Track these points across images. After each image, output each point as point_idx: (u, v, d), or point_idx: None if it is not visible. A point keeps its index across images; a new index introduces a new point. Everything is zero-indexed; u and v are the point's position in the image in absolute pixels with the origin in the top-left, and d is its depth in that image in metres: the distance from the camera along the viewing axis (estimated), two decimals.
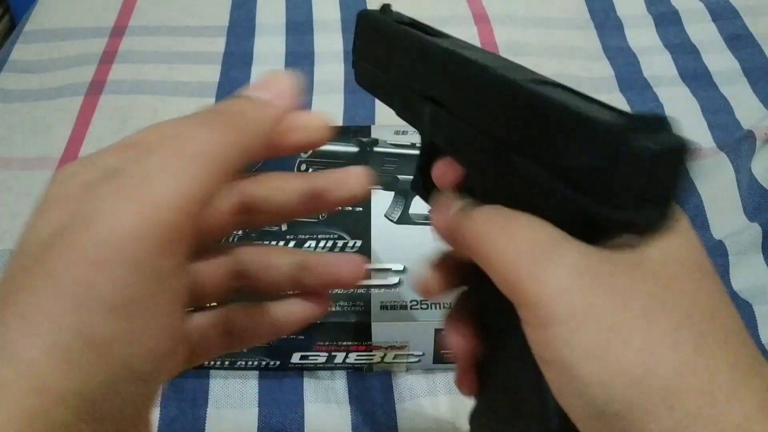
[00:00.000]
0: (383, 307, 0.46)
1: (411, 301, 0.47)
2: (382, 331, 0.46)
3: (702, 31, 0.82)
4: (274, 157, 0.27)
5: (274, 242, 0.49)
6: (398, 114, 0.33)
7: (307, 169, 0.54)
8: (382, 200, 0.52)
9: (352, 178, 0.28)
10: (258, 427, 0.47)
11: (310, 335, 0.47)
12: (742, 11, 0.83)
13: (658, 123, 0.21)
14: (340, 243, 0.49)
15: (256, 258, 0.28)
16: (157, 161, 0.21)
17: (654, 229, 0.22)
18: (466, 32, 0.81)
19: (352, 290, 0.47)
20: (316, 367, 0.49)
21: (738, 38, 0.80)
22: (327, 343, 0.47)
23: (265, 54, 0.80)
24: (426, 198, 0.32)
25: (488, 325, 0.28)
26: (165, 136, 0.22)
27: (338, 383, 0.49)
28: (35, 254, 0.21)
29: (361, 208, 0.50)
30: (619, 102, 0.72)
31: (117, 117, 0.71)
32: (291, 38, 0.83)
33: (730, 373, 0.20)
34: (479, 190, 0.28)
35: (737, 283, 0.54)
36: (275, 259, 0.28)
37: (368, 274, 0.47)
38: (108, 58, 0.79)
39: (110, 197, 0.21)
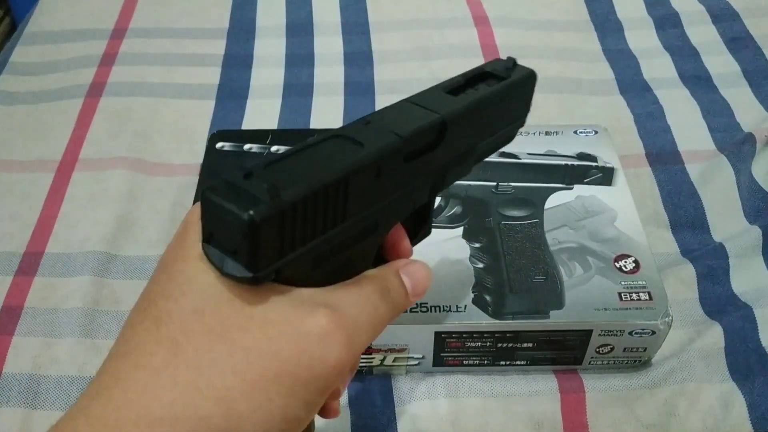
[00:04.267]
0: None
1: None
2: (381, 333, 0.46)
3: (702, 33, 0.82)
4: None
5: None
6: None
7: None
8: None
9: None
10: None
11: None
12: (742, 13, 0.83)
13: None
14: None
15: None
16: (360, 316, 0.27)
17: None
18: (465, 34, 0.82)
19: None
20: None
21: (738, 40, 0.80)
22: None
23: (266, 56, 0.81)
24: None
25: None
26: (362, 294, 0.28)
27: None
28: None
29: None
30: (619, 104, 0.72)
31: (117, 119, 0.71)
32: (291, 40, 0.83)
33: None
34: None
35: (737, 285, 0.54)
36: None
37: None
38: (108, 60, 0.79)
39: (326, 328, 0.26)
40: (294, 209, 0.24)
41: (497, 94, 0.33)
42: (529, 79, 0.35)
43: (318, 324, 0.25)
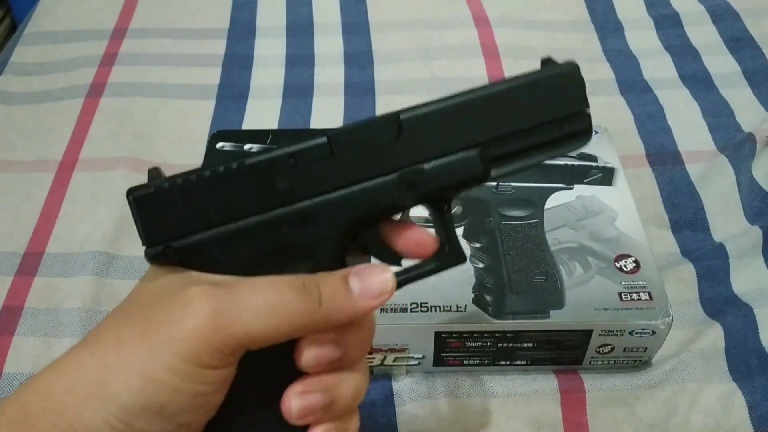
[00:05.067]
0: (383, 309, 0.46)
1: (411, 304, 0.47)
2: (381, 333, 0.46)
3: (702, 33, 0.82)
4: None
5: None
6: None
7: None
8: None
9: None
10: None
11: None
12: (742, 13, 0.83)
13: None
14: None
15: None
16: (250, 296, 0.27)
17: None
18: (466, 34, 0.81)
19: None
20: None
21: (738, 41, 0.80)
22: None
23: (266, 56, 0.81)
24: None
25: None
26: (267, 281, 0.28)
27: None
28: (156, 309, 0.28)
29: None
30: (620, 104, 0.72)
31: (117, 119, 0.71)
32: (291, 40, 0.83)
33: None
34: None
35: (738, 285, 0.54)
36: None
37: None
38: (108, 60, 0.79)
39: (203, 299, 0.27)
40: (170, 194, 0.28)
41: (494, 89, 0.31)
42: (562, 72, 0.32)
43: (188, 292, 0.27)
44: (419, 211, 0.52)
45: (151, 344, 0.26)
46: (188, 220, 0.28)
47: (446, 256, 0.33)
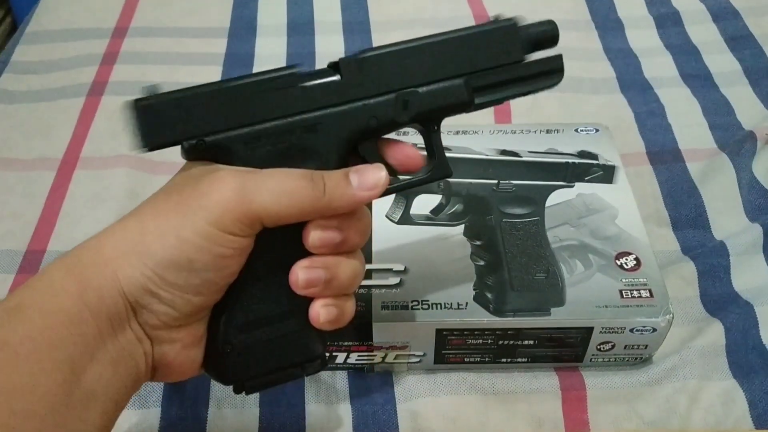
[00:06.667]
0: (384, 307, 0.46)
1: (412, 302, 0.47)
2: (383, 331, 0.46)
3: (703, 31, 0.82)
4: None
5: None
6: None
7: None
8: (383, 201, 0.52)
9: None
10: (259, 427, 0.47)
11: None
12: (743, 12, 0.83)
13: None
14: None
15: None
16: (269, 179, 0.33)
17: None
18: None
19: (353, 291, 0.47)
20: None
21: (739, 39, 0.80)
22: (328, 343, 0.47)
23: (267, 55, 0.81)
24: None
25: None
26: (283, 171, 0.34)
27: (339, 383, 0.49)
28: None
29: None
30: (620, 103, 0.72)
31: (118, 118, 0.71)
32: (292, 39, 0.83)
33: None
34: None
35: (738, 283, 0.54)
36: None
37: (369, 274, 0.48)
38: (109, 59, 0.79)
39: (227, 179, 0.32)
40: (169, 104, 0.35)
41: (463, 32, 0.38)
42: (507, 24, 0.41)
43: (218, 173, 0.33)
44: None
45: (184, 211, 0.32)
46: (215, 122, 0.34)
47: (434, 168, 0.39)
